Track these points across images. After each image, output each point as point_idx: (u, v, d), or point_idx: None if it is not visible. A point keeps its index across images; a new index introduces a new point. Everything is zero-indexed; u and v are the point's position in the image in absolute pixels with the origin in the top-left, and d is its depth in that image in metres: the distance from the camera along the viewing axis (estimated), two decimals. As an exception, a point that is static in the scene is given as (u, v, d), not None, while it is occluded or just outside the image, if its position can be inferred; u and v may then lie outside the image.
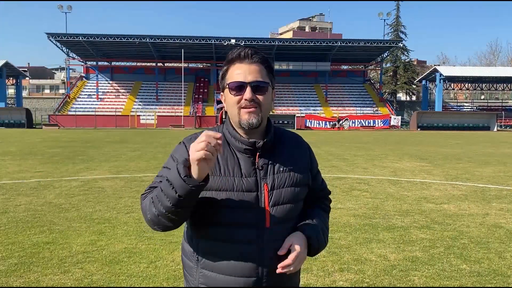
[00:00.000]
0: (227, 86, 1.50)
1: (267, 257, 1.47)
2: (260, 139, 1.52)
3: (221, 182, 1.46)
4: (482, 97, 76.97)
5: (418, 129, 45.98)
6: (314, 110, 51.44)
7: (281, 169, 1.53)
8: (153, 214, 1.40)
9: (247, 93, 1.46)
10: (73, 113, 47.79)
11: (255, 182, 1.49)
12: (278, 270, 1.45)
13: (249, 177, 1.48)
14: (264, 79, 1.49)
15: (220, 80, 1.56)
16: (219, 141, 1.27)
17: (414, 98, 71.56)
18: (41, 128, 43.71)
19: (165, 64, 58.19)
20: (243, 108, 1.47)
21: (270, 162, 1.53)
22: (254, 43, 47.27)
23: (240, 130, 1.52)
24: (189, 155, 1.30)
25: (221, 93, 1.58)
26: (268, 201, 1.49)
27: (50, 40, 47.62)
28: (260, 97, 1.48)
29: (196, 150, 1.26)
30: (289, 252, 1.47)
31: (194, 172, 1.29)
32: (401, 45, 60.06)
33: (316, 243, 1.53)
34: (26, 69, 74.21)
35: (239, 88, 1.47)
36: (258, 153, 1.51)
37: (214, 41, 48.24)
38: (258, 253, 1.47)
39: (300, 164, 1.59)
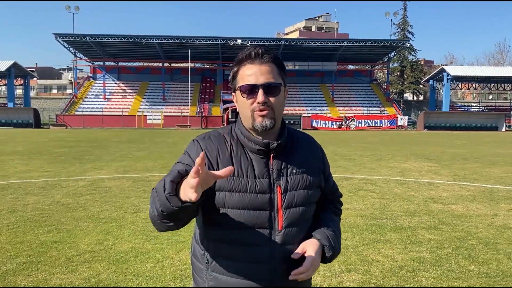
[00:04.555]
0: (239, 89, 1.46)
1: (279, 259, 1.44)
2: (273, 140, 1.48)
3: (234, 183, 1.42)
4: (490, 97, 76.38)
5: (425, 129, 45.73)
6: (320, 110, 51.35)
7: (295, 171, 1.50)
8: (151, 213, 1.36)
9: (260, 96, 1.41)
10: (80, 113, 48.11)
11: (269, 183, 1.45)
12: (291, 277, 1.42)
13: (262, 178, 1.45)
14: (276, 79, 1.45)
15: (230, 81, 1.53)
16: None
17: (421, 98, 71.19)
18: (49, 128, 44.03)
19: (172, 64, 58.41)
20: (256, 111, 1.43)
21: (283, 163, 1.49)
22: (260, 43, 47.18)
23: (253, 131, 1.48)
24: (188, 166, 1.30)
25: (233, 94, 1.54)
26: (281, 204, 1.46)
27: (57, 40, 48.02)
28: (272, 99, 1.43)
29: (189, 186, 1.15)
30: (302, 257, 1.44)
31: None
32: (408, 44, 59.83)
33: (330, 251, 1.49)
34: (34, 70, 74.70)
35: (251, 90, 1.43)
36: (272, 154, 1.48)
37: (221, 41, 48.33)
38: (269, 256, 1.44)
39: (313, 166, 1.56)
